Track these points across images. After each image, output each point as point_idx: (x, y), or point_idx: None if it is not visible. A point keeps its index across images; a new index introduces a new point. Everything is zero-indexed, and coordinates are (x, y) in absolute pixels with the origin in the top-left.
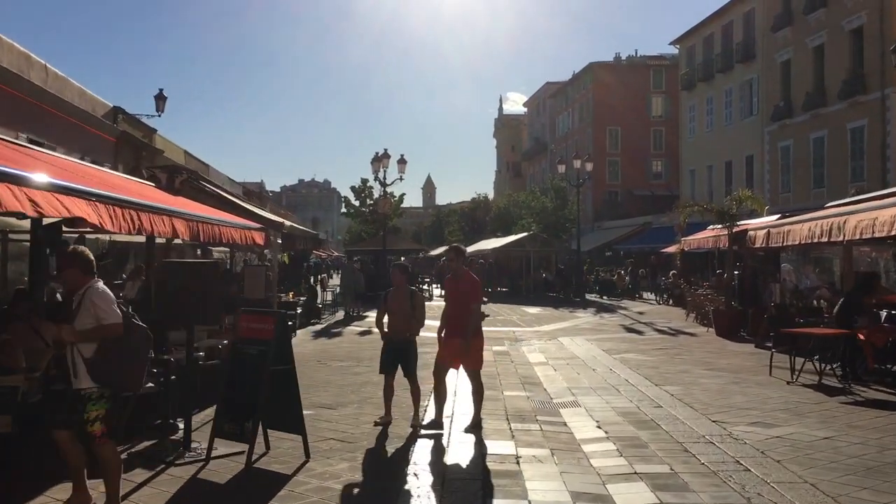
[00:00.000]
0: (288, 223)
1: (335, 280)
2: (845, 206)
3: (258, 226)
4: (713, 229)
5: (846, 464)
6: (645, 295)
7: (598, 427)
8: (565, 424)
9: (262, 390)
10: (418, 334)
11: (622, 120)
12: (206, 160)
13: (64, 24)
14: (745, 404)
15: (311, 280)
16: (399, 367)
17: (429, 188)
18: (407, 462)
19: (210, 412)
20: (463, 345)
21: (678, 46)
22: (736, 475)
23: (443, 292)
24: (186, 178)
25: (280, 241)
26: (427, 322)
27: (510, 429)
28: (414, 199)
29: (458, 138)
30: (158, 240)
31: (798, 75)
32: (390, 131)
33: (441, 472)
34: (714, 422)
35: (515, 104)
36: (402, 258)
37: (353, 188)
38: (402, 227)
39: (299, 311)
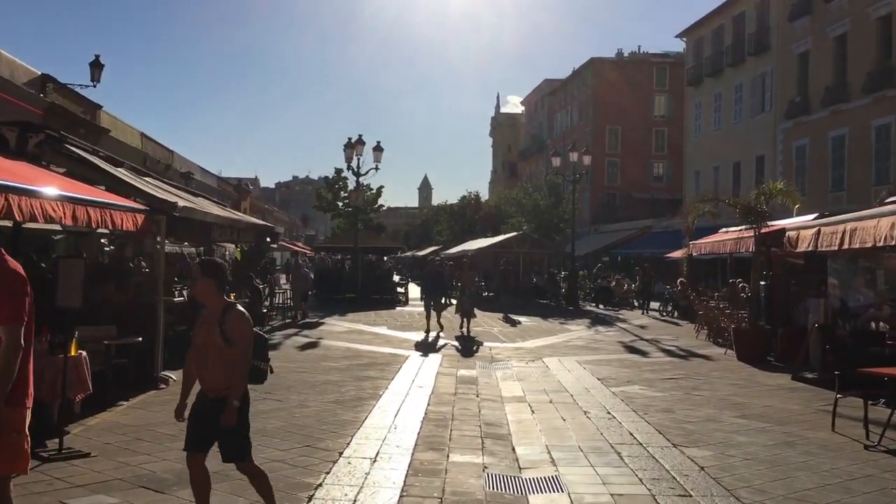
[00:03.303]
0: (182, 203)
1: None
2: None
3: (132, 205)
4: (727, 232)
5: None
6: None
7: None
8: None
9: None
10: (243, 389)
11: (623, 119)
12: (198, 156)
13: None
14: (819, 495)
15: (260, 280)
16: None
17: (425, 189)
18: None
19: None
20: None
21: (685, 39)
22: None
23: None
24: (46, 138)
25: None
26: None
27: None
28: (410, 200)
29: (458, 140)
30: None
31: (817, 68)
32: (390, 131)
33: None
34: None
35: (515, 107)
36: (385, 258)
37: (325, 179)
38: (394, 227)
39: None
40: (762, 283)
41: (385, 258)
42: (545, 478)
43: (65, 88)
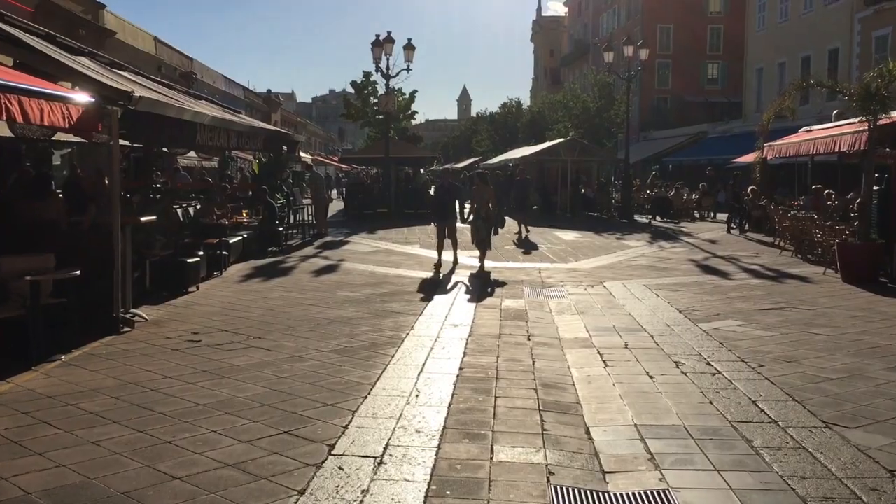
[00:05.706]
0: (140, 94)
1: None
2: None
3: (62, 93)
4: (811, 131)
5: None
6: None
7: None
8: None
9: None
10: None
11: (675, 16)
12: (232, 71)
13: None
14: None
15: (277, 195)
16: None
17: (464, 100)
18: None
19: None
20: None
21: None
22: None
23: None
24: None
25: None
26: None
27: None
28: (450, 112)
29: (497, 48)
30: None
31: None
32: (427, 41)
33: None
34: None
35: (558, 11)
36: (421, 170)
37: (353, 83)
38: (432, 139)
39: (235, 239)
40: (875, 188)
41: (422, 170)
42: (647, 495)
43: None
